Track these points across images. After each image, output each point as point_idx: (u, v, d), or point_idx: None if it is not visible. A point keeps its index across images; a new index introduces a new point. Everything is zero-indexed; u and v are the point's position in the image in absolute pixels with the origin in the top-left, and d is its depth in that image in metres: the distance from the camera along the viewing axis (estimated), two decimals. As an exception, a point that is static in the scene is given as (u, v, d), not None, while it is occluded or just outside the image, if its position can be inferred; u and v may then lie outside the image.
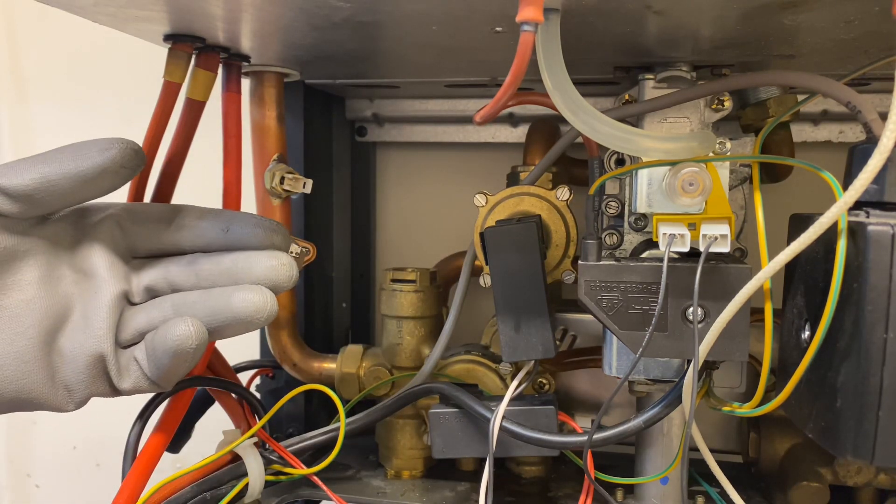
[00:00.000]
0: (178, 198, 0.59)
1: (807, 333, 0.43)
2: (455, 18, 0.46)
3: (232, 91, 0.59)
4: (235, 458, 0.56)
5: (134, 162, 0.44)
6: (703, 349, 0.43)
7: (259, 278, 0.45)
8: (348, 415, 0.60)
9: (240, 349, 0.72)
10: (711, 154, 0.47)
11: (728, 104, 0.52)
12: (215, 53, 0.57)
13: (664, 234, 0.44)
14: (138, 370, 0.44)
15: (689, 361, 0.47)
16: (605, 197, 0.54)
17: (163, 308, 0.45)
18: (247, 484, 0.56)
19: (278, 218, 0.63)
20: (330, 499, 0.60)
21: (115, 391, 0.45)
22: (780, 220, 0.48)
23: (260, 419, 0.58)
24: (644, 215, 0.53)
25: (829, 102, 0.72)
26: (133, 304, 0.46)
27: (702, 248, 0.43)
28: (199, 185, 0.71)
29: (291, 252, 0.61)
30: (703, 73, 0.57)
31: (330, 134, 0.80)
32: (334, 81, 0.73)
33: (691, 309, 0.44)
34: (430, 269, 0.68)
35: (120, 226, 0.47)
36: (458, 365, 0.64)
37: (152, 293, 0.46)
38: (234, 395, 0.60)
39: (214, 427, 0.60)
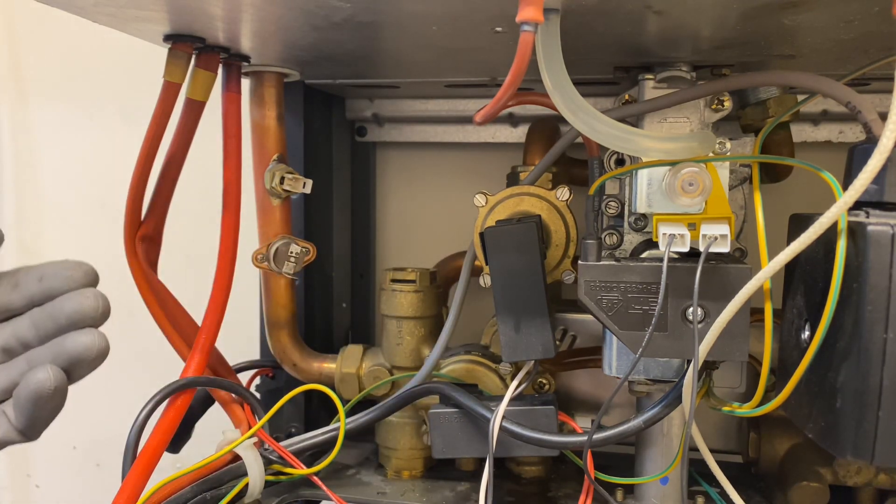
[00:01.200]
0: (177, 197, 0.60)
1: (807, 333, 0.43)
2: (455, 18, 0.46)
3: (232, 91, 0.59)
4: (235, 458, 0.56)
5: None
6: (703, 349, 0.43)
7: (70, 315, 0.47)
8: (348, 415, 0.60)
9: (240, 349, 0.72)
10: (711, 154, 0.47)
11: (728, 104, 0.52)
12: (215, 53, 0.57)
13: (664, 234, 0.44)
14: (7, 423, 0.47)
15: (689, 361, 0.47)
16: (605, 197, 0.54)
17: (19, 365, 0.48)
18: (247, 484, 0.56)
19: (278, 218, 0.63)
20: (330, 499, 0.60)
21: None
22: (780, 220, 0.48)
23: (260, 419, 0.58)
24: (644, 215, 0.53)
25: (829, 102, 0.72)
26: None
27: (702, 248, 0.43)
28: (200, 185, 0.71)
29: (291, 252, 0.61)
30: (703, 73, 0.57)
31: (330, 134, 0.80)
32: (334, 81, 0.73)
33: (691, 309, 0.44)
34: (430, 269, 0.68)
35: None
36: (458, 365, 0.64)
37: (9, 353, 0.49)
38: (234, 395, 0.60)
39: (214, 427, 0.60)
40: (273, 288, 0.66)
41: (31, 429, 0.47)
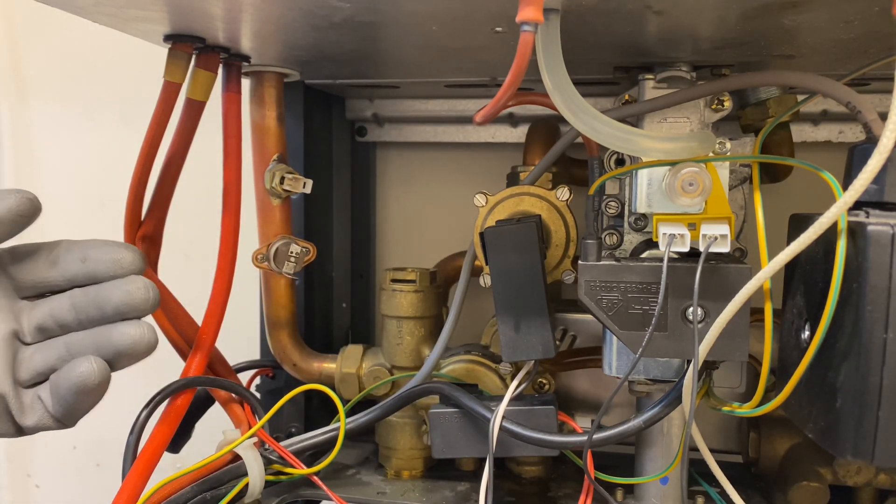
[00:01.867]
0: (177, 197, 0.59)
1: (807, 333, 0.43)
2: (455, 18, 0.46)
3: (232, 91, 0.59)
4: (235, 458, 0.56)
5: (30, 210, 0.44)
6: (703, 349, 0.43)
7: (118, 306, 0.45)
8: (348, 415, 0.60)
9: (240, 349, 0.72)
10: (711, 154, 0.47)
11: (728, 104, 0.52)
12: (215, 53, 0.57)
13: (664, 234, 0.44)
14: (42, 408, 0.45)
15: (689, 361, 0.47)
16: (605, 197, 0.54)
17: (57, 348, 0.46)
18: (247, 484, 0.56)
19: (278, 218, 0.63)
20: (330, 499, 0.60)
21: (19, 429, 0.46)
22: (780, 220, 0.48)
23: (260, 419, 0.58)
24: (644, 215, 0.53)
25: (829, 102, 0.72)
26: (27, 344, 0.47)
27: (702, 248, 0.43)
28: (200, 185, 0.71)
29: (291, 252, 0.61)
30: (703, 73, 0.57)
31: (330, 134, 0.80)
32: (334, 81, 0.73)
33: (691, 309, 0.44)
34: (430, 269, 0.68)
35: (3, 267, 0.47)
36: (458, 365, 0.64)
37: (45, 332, 0.46)
38: (234, 395, 0.60)
39: (214, 427, 0.60)
40: (273, 288, 0.66)
41: (67, 417, 0.45)
